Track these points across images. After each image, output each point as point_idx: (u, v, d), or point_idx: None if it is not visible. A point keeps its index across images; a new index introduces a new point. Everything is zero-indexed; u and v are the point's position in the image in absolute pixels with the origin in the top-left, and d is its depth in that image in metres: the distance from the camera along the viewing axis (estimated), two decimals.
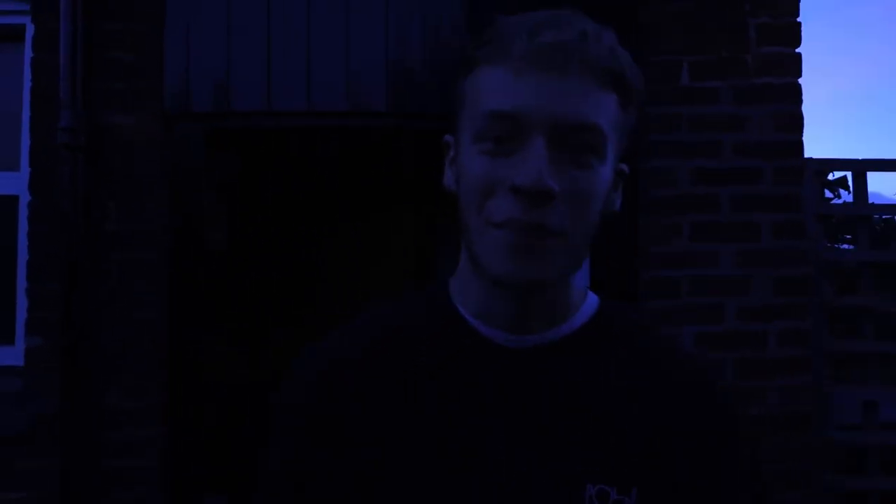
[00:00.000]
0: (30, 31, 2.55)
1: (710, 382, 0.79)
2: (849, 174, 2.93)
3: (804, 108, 2.64)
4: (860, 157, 2.79)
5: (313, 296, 4.76)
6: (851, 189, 2.81)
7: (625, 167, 0.77)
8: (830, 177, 5.65)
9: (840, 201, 5.89)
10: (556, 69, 0.66)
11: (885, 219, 5.93)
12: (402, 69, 2.68)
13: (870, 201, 2.76)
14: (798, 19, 2.66)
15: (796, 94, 2.65)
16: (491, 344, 0.75)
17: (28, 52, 2.54)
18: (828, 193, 6.35)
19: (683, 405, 0.74)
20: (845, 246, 5.77)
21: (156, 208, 2.55)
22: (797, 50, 2.66)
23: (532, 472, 0.70)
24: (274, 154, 4.51)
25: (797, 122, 2.65)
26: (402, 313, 0.82)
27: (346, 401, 0.75)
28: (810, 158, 2.70)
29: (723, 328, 2.61)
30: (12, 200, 2.58)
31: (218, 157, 3.39)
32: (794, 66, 2.65)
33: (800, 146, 2.66)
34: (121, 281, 2.50)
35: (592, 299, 0.81)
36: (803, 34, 2.67)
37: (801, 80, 2.66)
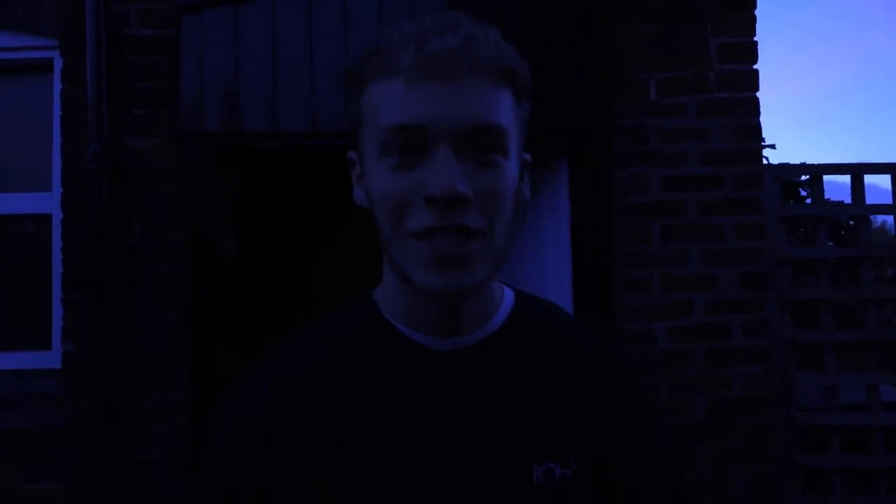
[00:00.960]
0: (58, 64, 2.80)
1: (620, 364, 0.84)
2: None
3: (798, 101, 2.91)
4: (816, 163, 3.05)
5: (314, 299, 5.03)
6: (809, 191, 3.07)
7: (528, 156, 0.78)
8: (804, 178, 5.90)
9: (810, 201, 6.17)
10: (449, 75, 0.67)
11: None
12: None
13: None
14: (755, 39, 2.92)
15: (754, 107, 2.90)
16: (425, 350, 0.76)
17: (57, 84, 2.79)
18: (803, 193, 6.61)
19: (600, 387, 0.79)
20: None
21: (174, 222, 2.80)
22: (755, 66, 2.92)
23: (481, 465, 0.72)
24: (279, 168, 4.77)
25: (755, 133, 2.91)
26: (337, 330, 0.82)
27: (292, 424, 0.75)
28: (769, 164, 2.97)
29: (692, 321, 2.86)
30: (46, 218, 2.83)
31: (228, 173, 3.65)
32: (752, 81, 2.91)
33: (758, 154, 2.92)
34: (145, 290, 2.75)
35: (509, 294, 0.84)
36: (795, 23, 2.92)
37: (759, 94, 2.92)
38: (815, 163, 3.02)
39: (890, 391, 3.21)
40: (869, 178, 3.04)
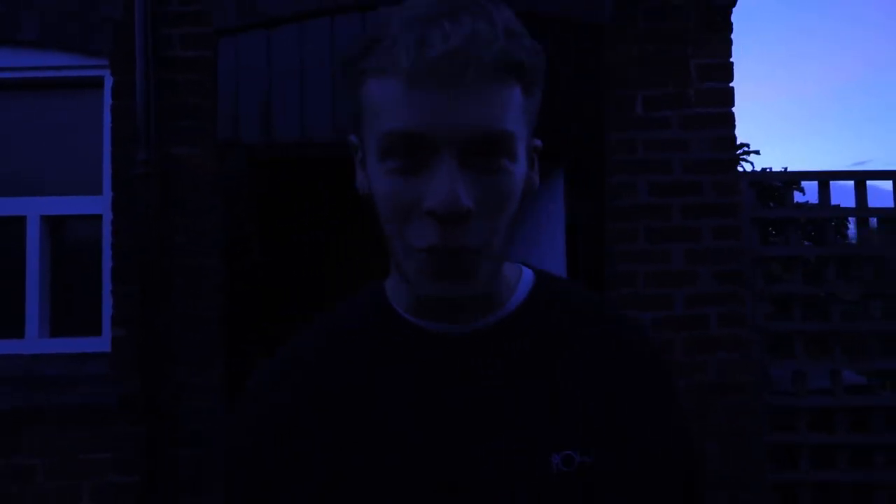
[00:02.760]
0: (108, 81, 3.14)
1: (646, 343, 0.80)
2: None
3: (799, 102, 3.20)
4: (790, 170, 3.37)
5: (329, 294, 5.40)
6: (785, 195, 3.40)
7: (538, 142, 0.75)
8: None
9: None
10: (452, 82, 0.61)
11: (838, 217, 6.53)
12: None
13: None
14: (731, 60, 3.25)
15: (730, 121, 3.23)
16: (434, 335, 0.74)
17: (107, 98, 3.13)
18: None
19: (625, 367, 0.76)
20: (807, 243, 6.38)
21: (212, 223, 3.14)
22: (731, 84, 3.25)
23: (498, 453, 0.69)
24: (305, 175, 5.15)
25: (731, 144, 3.23)
26: (347, 318, 0.81)
27: (298, 420, 0.74)
28: (744, 172, 3.30)
29: (673, 313, 3.19)
30: (97, 219, 3.17)
31: (259, 178, 3.99)
32: (728, 97, 3.24)
33: (734, 163, 3.25)
34: (187, 283, 3.09)
35: (528, 275, 0.81)
36: (796, 27, 3.21)
37: (734, 109, 3.26)
38: (790, 170, 3.35)
39: (851, 376, 3.54)
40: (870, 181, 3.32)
